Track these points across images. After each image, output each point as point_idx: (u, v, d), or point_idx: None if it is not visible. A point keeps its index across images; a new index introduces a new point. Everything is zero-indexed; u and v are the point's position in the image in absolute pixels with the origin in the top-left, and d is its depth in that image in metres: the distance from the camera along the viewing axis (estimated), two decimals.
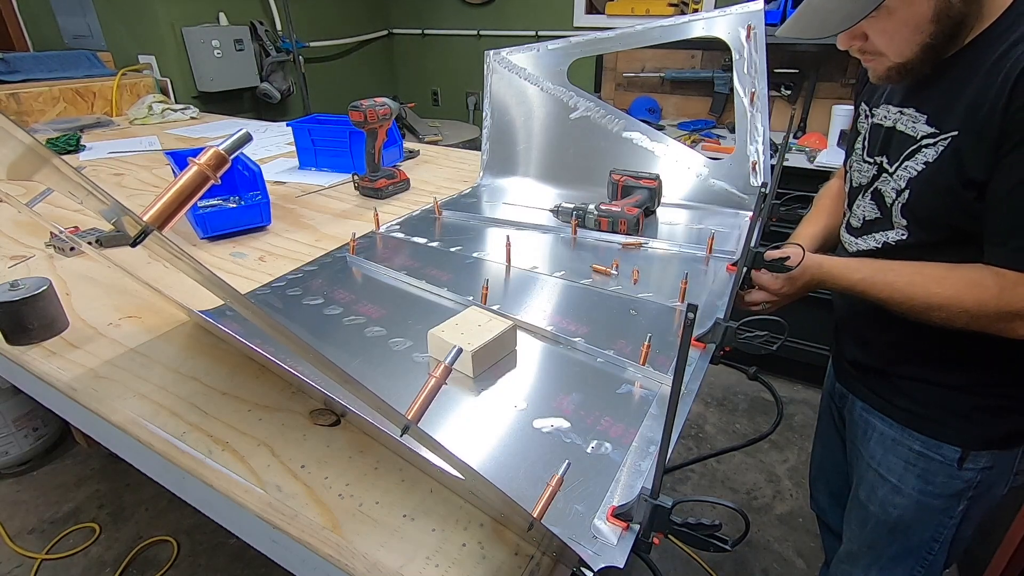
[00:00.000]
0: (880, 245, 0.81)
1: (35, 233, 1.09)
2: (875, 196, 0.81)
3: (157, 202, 0.50)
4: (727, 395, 2.26)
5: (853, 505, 0.99)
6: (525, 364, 0.73)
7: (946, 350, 0.80)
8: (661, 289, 0.92)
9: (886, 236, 0.80)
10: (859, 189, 0.85)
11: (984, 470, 0.83)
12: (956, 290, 0.70)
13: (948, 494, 0.85)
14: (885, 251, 0.81)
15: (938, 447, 0.83)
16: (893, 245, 0.79)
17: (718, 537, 0.46)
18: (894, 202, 0.77)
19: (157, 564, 1.58)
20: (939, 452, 0.83)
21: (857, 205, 0.86)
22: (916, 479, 0.86)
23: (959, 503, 0.86)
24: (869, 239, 0.83)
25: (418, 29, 3.36)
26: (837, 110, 2.09)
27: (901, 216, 0.77)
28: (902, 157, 0.76)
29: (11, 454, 1.82)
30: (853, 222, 0.87)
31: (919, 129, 0.74)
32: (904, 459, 0.87)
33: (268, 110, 2.85)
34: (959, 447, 0.82)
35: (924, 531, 0.89)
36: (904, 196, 0.76)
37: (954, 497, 0.85)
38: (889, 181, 0.78)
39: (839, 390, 1.01)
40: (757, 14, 1.14)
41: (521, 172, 1.43)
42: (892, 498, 0.90)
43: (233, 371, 0.69)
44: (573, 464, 0.54)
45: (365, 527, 0.49)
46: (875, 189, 0.81)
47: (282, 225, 1.17)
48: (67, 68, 2.33)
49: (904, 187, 0.75)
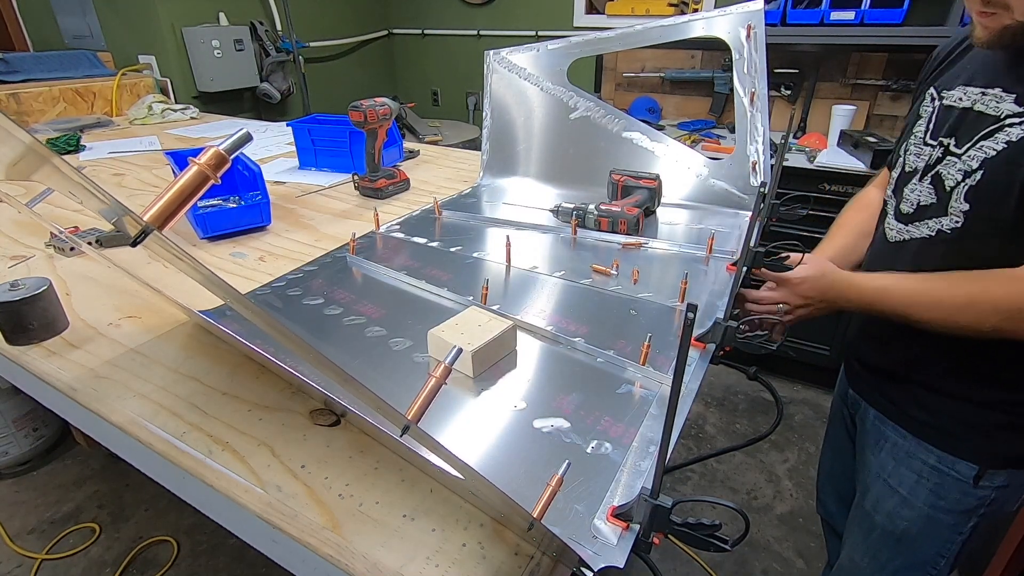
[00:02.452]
0: (934, 233, 0.76)
1: (35, 233, 1.09)
2: (934, 180, 0.76)
3: (157, 202, 0.50)
4: (727, 395, 2.26)
5: (857, 513, 0.96)
6: (525, 364, 0.73)
7: (973, 361, 0.76)
8: (661, 289, 0.92)
9: (940, 223, 0.75)
10: (913, 173, 0.80)
11: (999, 488, 0.80)
12: (985, 285, 0.68)
13: (960, 510, 0.83)
14: (936, 241, 0.76)
15: (954, 463, 0.80)
16: (948, 233, 0.74)
17: (718, 537, 0.46)
18: (958, 185, 0.72)
19: (157, 564, 1.58)
20: (954, 468, 0.81)
21: (911, 189, 0.80)
22: (928, 494, 0.84)
23: (969, 520, 0.83)
24: (921, 226, 0.78)
25: (418, 29, 3.36)
26: (837, 110, 2.10)
27: (964, 200, 0.71)
28: (976, 137, 0.71)
29: (11, 454, 1.82)
30: (904, 208, 0.81)
31: (1003, 108, 0.69)
32: (916, 472, 0.84)
33: (268, 110, 2.85)
34: (976, 464, 0.79)
35: (931, 546, 0.87)
36: (975, 177, 0.70)
37: (965, 514, 0.83)
38: (955, 163, 0.73)
39: (852, 396, 0.98)
40: (757, 14, 1.14)
41: (521, 172, 1.43)
42: (900, 511, 0.87)
43: (233, 371, 0.69)
44: (573, 464, 0.54)
45: (365, 527, 0.49)
46: (936, 172, 0.76)
47: (282, 225, 1.17)
48: (67, 68, 2.33)
49: (976, 167, 0.70)
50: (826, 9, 1.93)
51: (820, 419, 2.13)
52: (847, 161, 1.90)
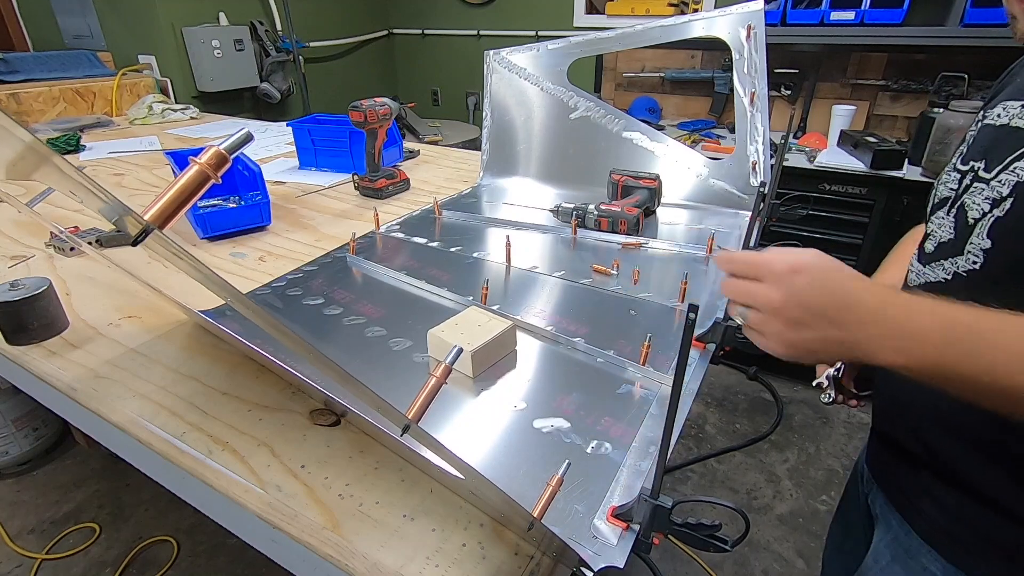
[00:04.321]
0: (949, 276, 0.62)
1: (35, 233, 1.09)
2: (958, 212, 0.63)
3: (158, 201, 0.50)
4: (727, 395, 2.26)
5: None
6: (525, 364, 0.73)
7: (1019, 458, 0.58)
8: (661, 289, 0.92)
9: (955, 264, 0.62)
10: (941, 204, 0.67)
11: None
12: None
13: None
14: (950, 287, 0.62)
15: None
16: (964, 277, 0.60)
17: (718, 537, 0.46)
18: (983, 217, 0.59)
19: (157, 564, 1.58)
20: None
21: (937, 223, 0.67)
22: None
23: None
24: (937, 267, 0.64)
25: (418, 29, 3.36)
26: (837, 110, 2.10)
27: (986, 236, 0.58)
28: (1011, 158, 0.57)
29: (11, 454, 1.82)
30: (928, 245, 0.67)
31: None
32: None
33: (268, 110, 2.85)
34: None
35: None
36: (1004, 207, 0.56)
37: None
38: (982, 190, 0.60)
39: (867, 472, 0.82)
40: (757, 14, 1.14)
41: (521, 172, 1.43)
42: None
43: (233, 371, 0.69)
44: (573, 464, 0.54)
45: (365, 527, 0.49)
46: (960, 203, 0.62)
47: (282, 225, 1.17)
48: (67, 68, 2.33)
49: (1008, 194, 0.56)
50: (826, 9, 1.93)
51: (820, 419, 2.13)
52: (847, 161, 1.90)
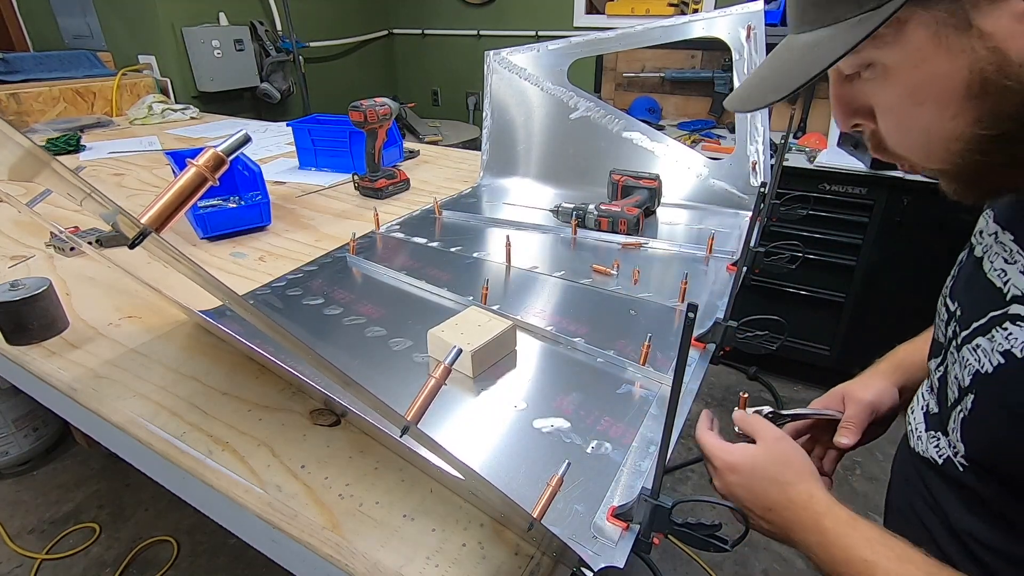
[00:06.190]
0: (941, 461, 0.49)
1: (35, 233, 1.09)
2: (941, 377, 0.50)
3: (155, 203, 0.50)
4: (727, 395, 2.26)
5: None
6: (525, 364, 0.73)
7: None
8: (661, 289, 0.92)
9: (948, 450, 0.48)
10: (938, 349, 0.53)
11: None
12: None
13: None
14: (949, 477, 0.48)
15: None
16: (959, 472, 0.46)
17: (718, 537, 0.46)
18: (957, 404, 0.46)
19: (157, 564, 1.58)
20: None
21: (934, 371, 0.53)
22: None
23: None
24: (931, 441, 0.51)
25: (418, 29, 3.36)
26: None
27: (959, 437, 0.45)
28: (975, 325, 0.44)
29: (11, 454, 1.82)
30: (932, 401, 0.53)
31: (1012, 278, 0.42)
32: None
33: (268, 110, 2.85)
34: None
35: None
36: (967, 403, 0.44)
37: None
38: (956, 361, 0.46)
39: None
40: (757, 14, 1.14)
41: (521, 172, 1.43)
42: None
43: (233, 371, 0.69)
44: (573, 464, 0.54)
45: (365, 527, 0.49)
46: (945, 366, 0.50)
47: (282, 225, 1.17)
48: (67, 68, 2.33)
49: (967, 385, 0.44)
50: None
51: None
52: (847, 161, 1.90)
